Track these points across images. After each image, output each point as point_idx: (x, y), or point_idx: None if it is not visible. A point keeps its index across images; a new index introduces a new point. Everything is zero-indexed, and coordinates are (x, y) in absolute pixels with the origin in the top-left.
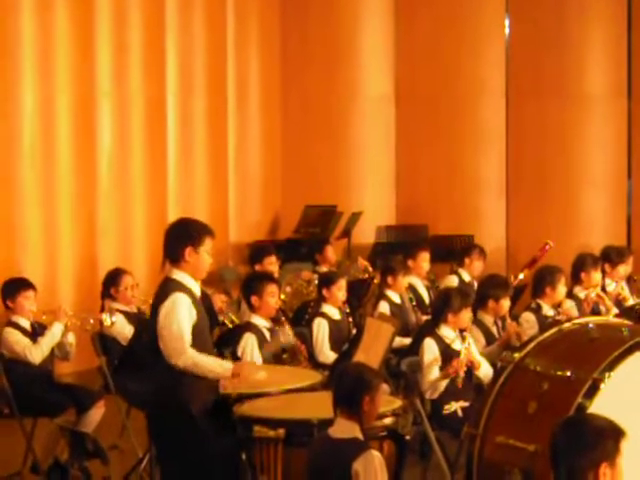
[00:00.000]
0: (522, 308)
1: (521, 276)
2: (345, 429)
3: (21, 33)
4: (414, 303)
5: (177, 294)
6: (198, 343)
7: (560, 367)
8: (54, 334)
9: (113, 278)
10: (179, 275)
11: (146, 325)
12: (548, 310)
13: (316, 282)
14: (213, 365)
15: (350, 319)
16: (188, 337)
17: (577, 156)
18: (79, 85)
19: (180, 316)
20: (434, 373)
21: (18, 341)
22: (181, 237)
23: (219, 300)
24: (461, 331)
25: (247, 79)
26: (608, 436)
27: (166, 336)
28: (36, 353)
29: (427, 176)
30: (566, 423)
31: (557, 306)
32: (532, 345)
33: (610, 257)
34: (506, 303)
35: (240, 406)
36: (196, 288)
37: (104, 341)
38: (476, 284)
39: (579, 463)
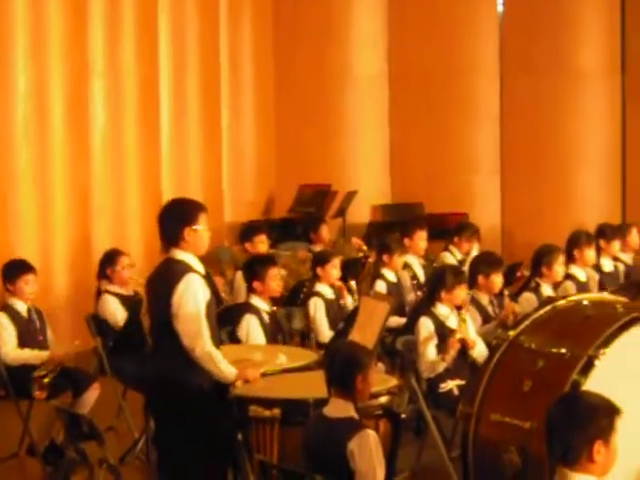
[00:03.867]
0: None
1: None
2: (340, 408)
3: (13, 14)
4: (415, 282)
5: (191, 274)
6: (208, 323)
7: (555, 344)
8: (38, 358)
9: (109, 258)
10: (183, 255)
11: (140, 307)
12: (547, 289)
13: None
14: (223, 364)
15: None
16: (204, 319)
17: (571, 133)
18: (72, 65)
19: (197, 296)
20: (430, 352)
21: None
22: (177, 218)
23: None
24: (458, 309)
25: (240, 59)
26: (602, 414)
27: (183, 317)
28: (11, 357)
29: (421, 155)
30: (561, 400)
31: (556, 285)
32: (527, 323)
33: (605, 233)
34: (498, 279)
35: (234, 387)
36: (202, 268)
37: (99, 322)
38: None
39: (573, 440)
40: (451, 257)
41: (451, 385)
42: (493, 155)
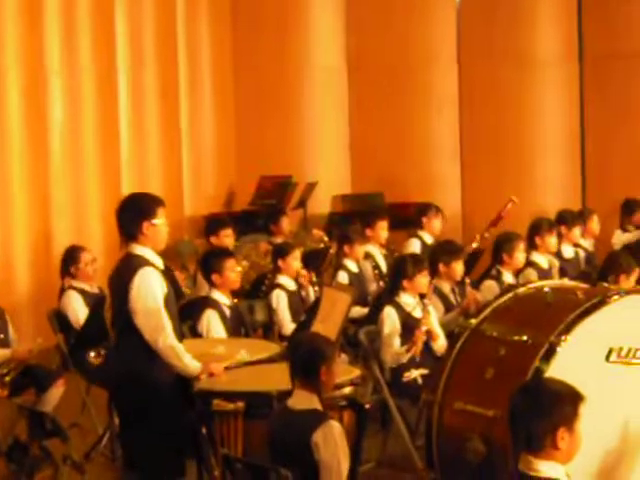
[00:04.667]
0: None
1: (486, 235)
2: (304, 400)
3: None
4: (377, 272)
5: (146, 268)
6: (169, 317)
7: (516, 332)
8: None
9: (71, 256)
10: (141, 250)
11: (103, 303)
12: (508, 277)
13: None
14: (186, 358)
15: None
16: (164, 312)
17: (530, 121)
18: (28, 62)
19: (153, 289)
20: (396, 343)
21: None
22: (135, 213)
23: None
24: (421, 297)
25: (198, 52)
26: (566, 401)
27: (142, 312)
28: None
29: (382, 144)
30: (524, 388)
31: (517, 272)
32: (488, 311)
33: (565, 219)
34: (458, 267)
35: (199, 380)
36: (160, 262)
37: (61, 319)
38: None
39: (537, 427)
40: (418, 243)
41: (415, 374)
42: (453, 143)
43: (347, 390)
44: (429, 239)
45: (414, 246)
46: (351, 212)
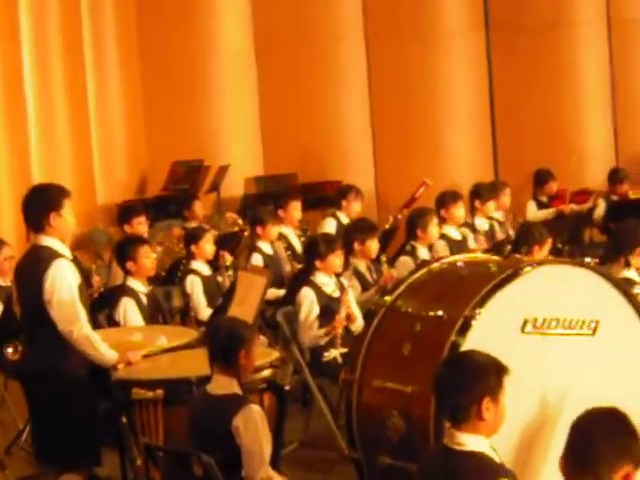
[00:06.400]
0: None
1: (399, 216)
2: (223, 385)
3: None
4: (290, 252)
5: (59, 260)
6: (82, 307)
7: (431, 307)
8: None
9: None
10: (49, 241)
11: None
12: (423, 252)
13: None
14: (102, 347)
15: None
16: (78, 303)
17: (440, 95)
18: None
19: (68, 281)
20: (314, 325)
21: None
22: (41, 204)
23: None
24: (337, 276)
25: (103, 37)
26: (490, 371)
27: (57, 303)
28: None
29: (292, 125)
30: (448, 360)
31: (432, 247)
32: (403, 287)
33: (480, 193)
34: (373, 245)
35: (116, 370)
36: (68, 252)
37: None
38: None
39: (461, 398)
40: (334, 223)
41: (334, 353)
42: (363, 121)
43: (266, 373)
44: (345, 219)
45: (330, 226)
46: (264, 194)
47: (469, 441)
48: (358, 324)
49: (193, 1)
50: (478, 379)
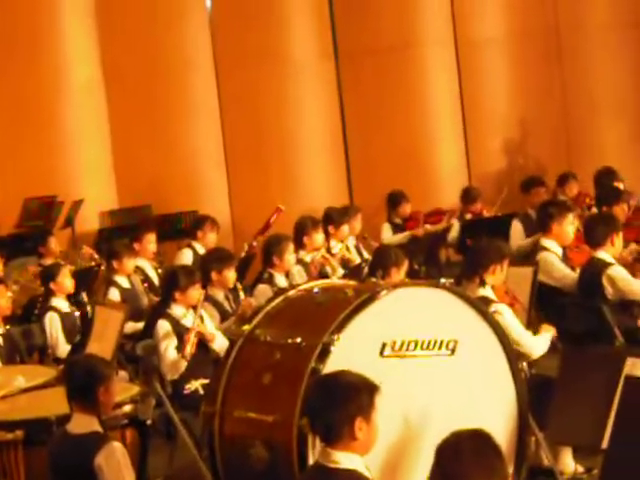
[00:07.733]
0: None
1: (254, 243)
2: (83, 423)
3: None
4: (146, 285)
5: None
6: None
7: (290, 335)
8: None
9: None
10: None
11: None
12: (280, 279)
13: None
14: None
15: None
16: None
17: (292, 122)
18: None
19: None
20: (171, 353)
21: None
22: None
23: None
24: (193, 308)
25: None
26: (361, 391)
27: None
28: None
29: (145, 156)
30: (319, 381)
31: (289, 274)
32: (261, 316)
33: (332, 218)
34: (231, 274)
35: None
36: None
37: None
38: None
39: (334, 418)
40: (190, 254)
41: (196, 385)
42: (217, 150)
43: (127, 408)
44: (201, 250)
45: (186, 257)
46: (119, 227)
47: (343, 459)
48: (220, 343)
49: (39, 34)
50: (350, 399)
